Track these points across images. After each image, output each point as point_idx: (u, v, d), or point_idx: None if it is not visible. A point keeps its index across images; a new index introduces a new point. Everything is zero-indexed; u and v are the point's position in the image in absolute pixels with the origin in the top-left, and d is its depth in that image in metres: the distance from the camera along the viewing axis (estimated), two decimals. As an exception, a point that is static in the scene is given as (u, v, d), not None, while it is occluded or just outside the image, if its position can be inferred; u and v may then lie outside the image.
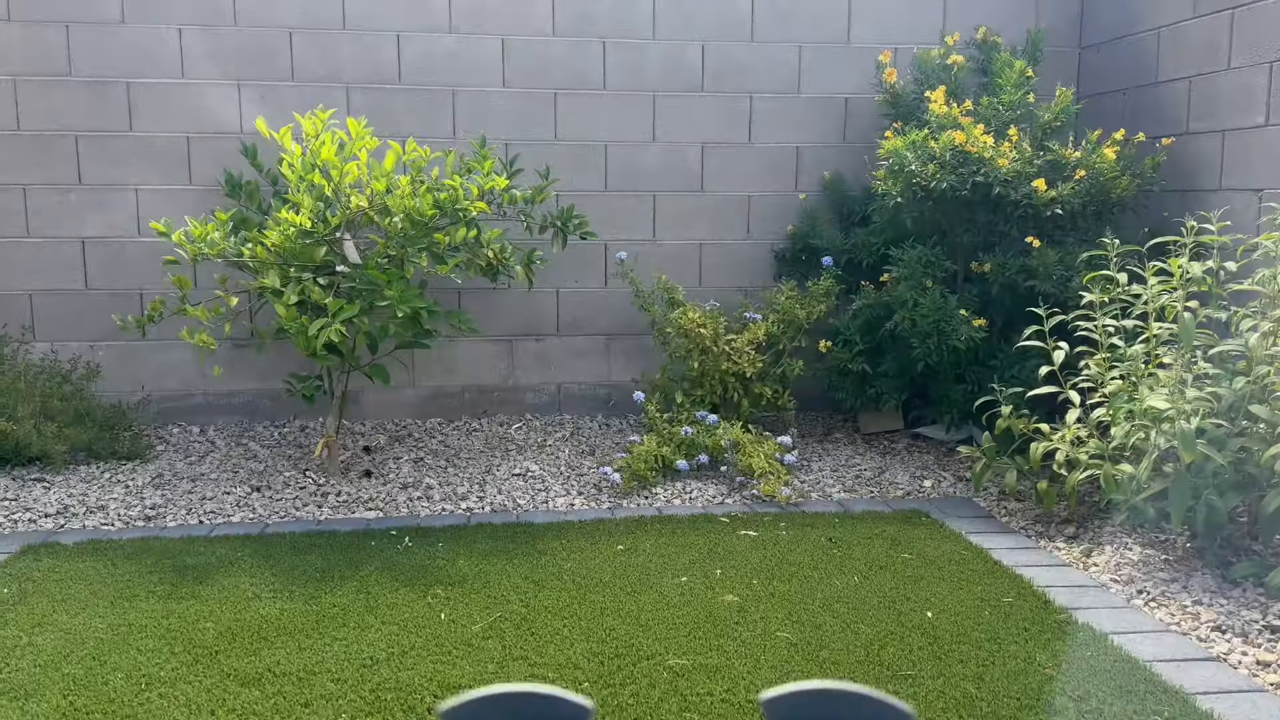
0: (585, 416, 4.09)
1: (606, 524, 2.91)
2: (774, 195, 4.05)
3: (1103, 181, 3.30)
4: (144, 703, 1.84)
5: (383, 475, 3.39)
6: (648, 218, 4.02)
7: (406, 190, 3.07)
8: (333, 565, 2.57)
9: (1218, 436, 2.43)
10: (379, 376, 3.33)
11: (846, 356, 3.60)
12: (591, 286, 4.02)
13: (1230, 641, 2.13)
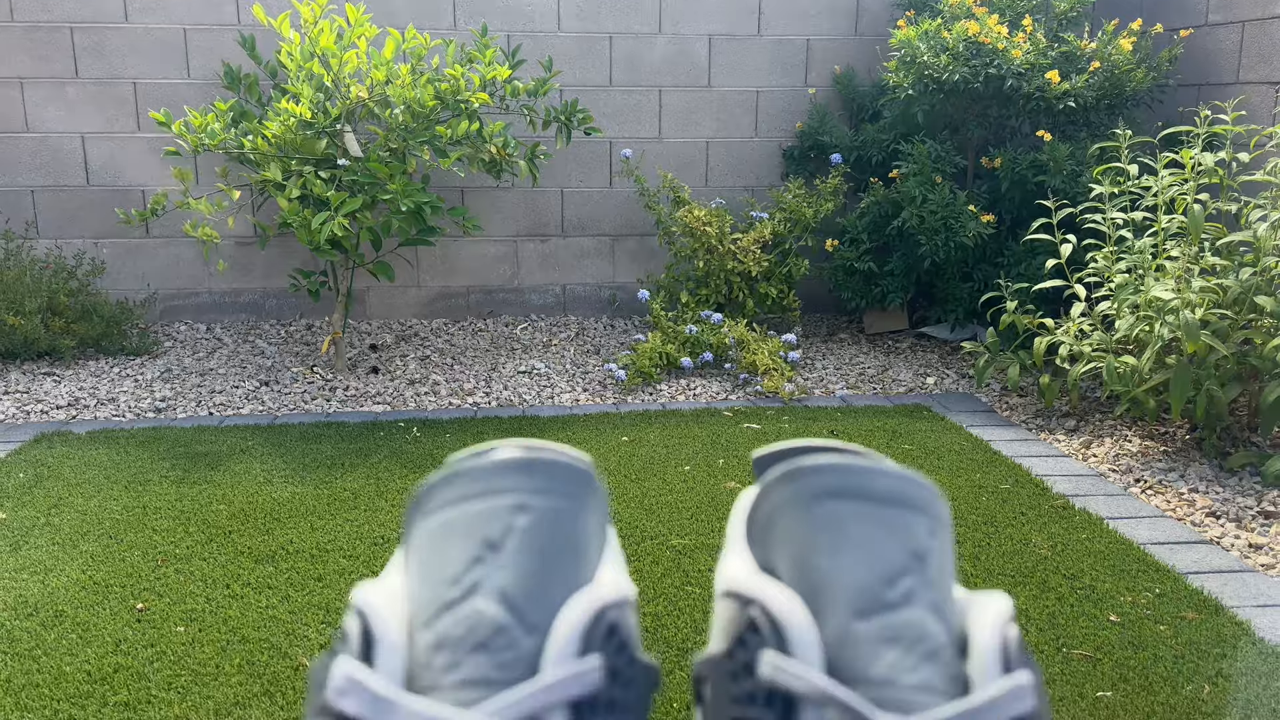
0: (590, 317, 4.09)
1: (611, 417, 2.94)
2: (783, 91, 3.99)
3: (1117, 74, 3.24)
4: (161, 577, 1.89)
5: (390, 372, 3.41)
6: (653, 114, 3.96)
7: (407, 80, 3.03)
8: (342, 453, 2.60)
9: (1222, 328, 2.43)
10: (383, 273, 3.32)
11: (853, 255, 3.59)
12: (596, 186, 3.99)
13: (1224, 526, 2.17)
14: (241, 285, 3.90)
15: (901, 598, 0.30)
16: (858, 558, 0.30)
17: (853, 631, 0.29)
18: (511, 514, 0.30)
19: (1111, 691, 1.51)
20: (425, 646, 0.29)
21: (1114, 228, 2.77)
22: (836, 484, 0.31)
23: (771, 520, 0.32)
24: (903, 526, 0.31)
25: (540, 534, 0.30)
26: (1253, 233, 2.44)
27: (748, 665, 0.30)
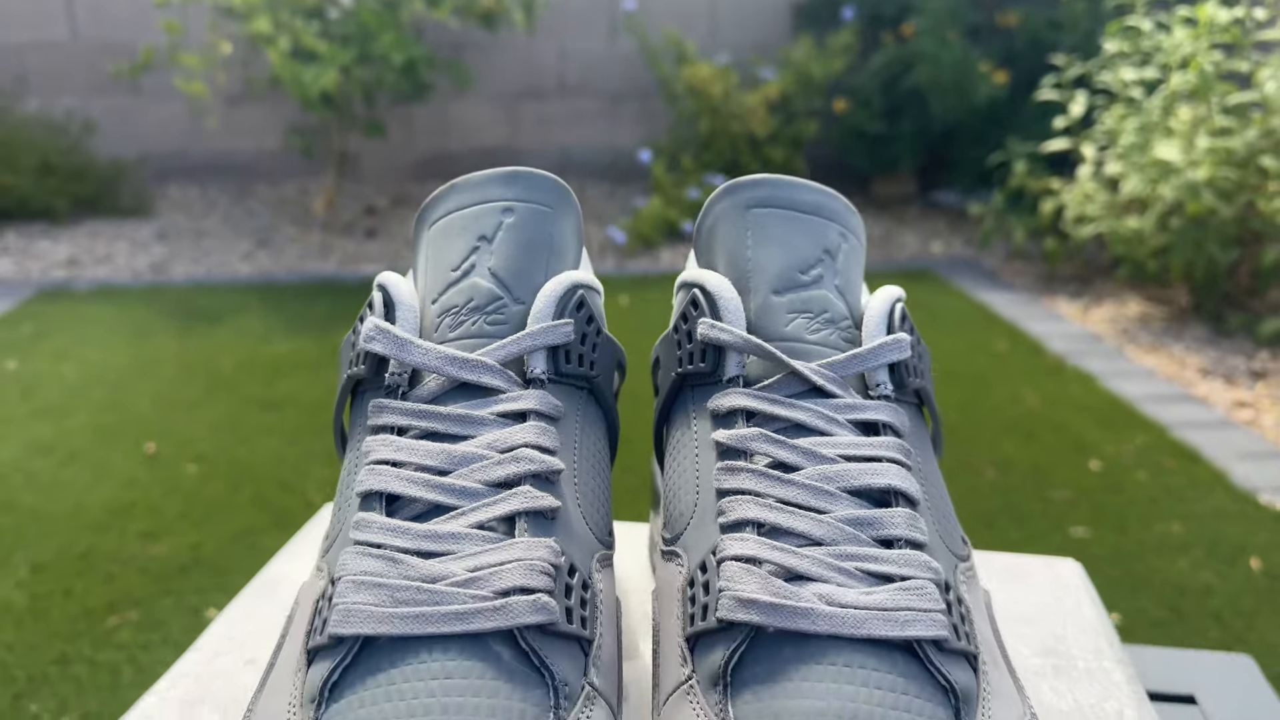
0: (589, 181, 4.04)
1: (612, 280, 2.94)
2: (789, -56, 3.84)
3: (1138, -74, 3.12)
4: (169, 421, 1.93)
5: (387, 234, 3.39)
6: (656, -32, 3.82)
7: (401, -72, 2.92)
8: (340, 311, 2.62)
9: (1227, 189, 2.41)
10: (375, 133, 3.27)
11: (864, 117, 3.52)
12: (596, 43, 3.88)
13: (1212, 384, 2.19)
14: (233, 146, 3.85)
15: (812, 280, 0.36)
16: (778, 250, 0.37)
17: (770, 303, 0.36)
18: (501, 214, 0.37)
19: (1085, 528, 1.56)
20: (433, 315, 0.36)
21: (1124, 87, 2.71)
22: (765, 195, 0.38)
23: (713, 229, 0.39)
24: (818, 229, 0.37)
25: (524, 230, 0.36)
26: (1261, 92, 2.39)
27: (689, 333, 0.37)
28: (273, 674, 0.32)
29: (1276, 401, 2.12)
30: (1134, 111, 2.69)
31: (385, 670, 0.29)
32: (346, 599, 0.30)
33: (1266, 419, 2.05)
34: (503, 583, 0.29)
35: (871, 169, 3.63)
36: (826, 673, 0.28)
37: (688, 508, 0.34)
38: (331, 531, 0.34)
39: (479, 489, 0.31)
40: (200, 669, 0.40)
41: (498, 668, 0.28)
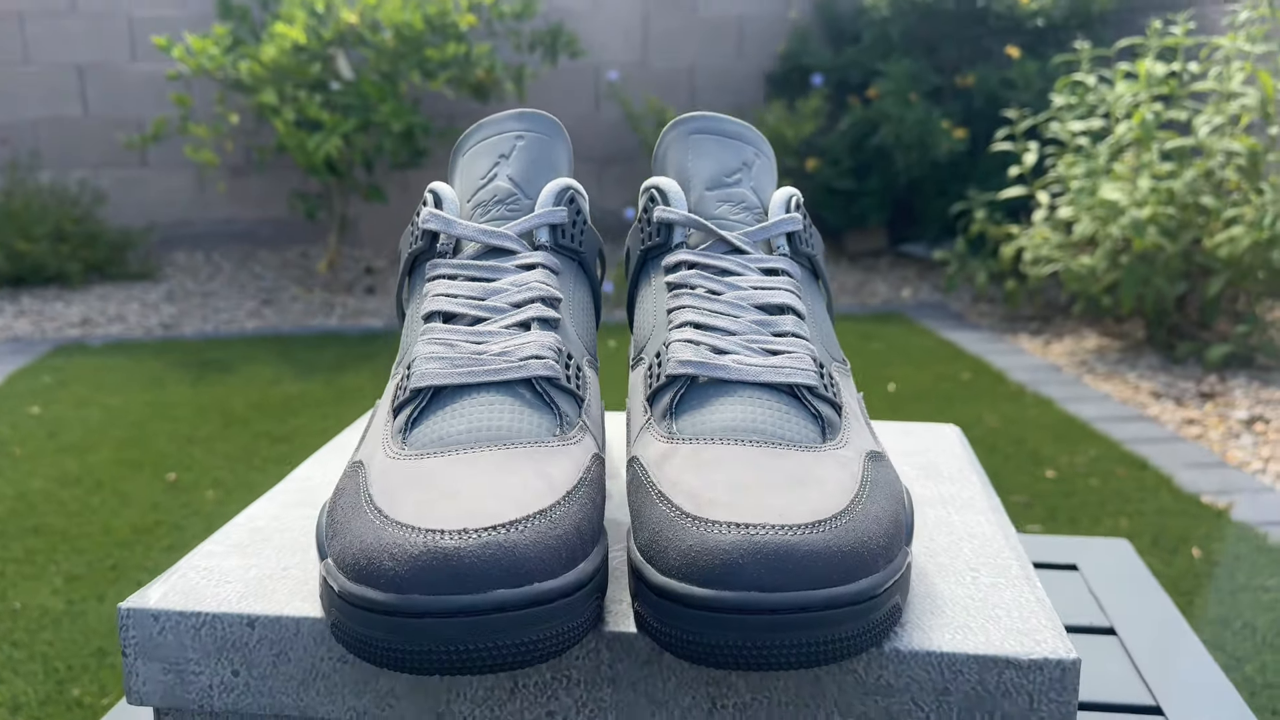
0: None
1: (602, 327, 3.09)
2: (765, 15, 4.09)
3: (1083, -7, 3.37)
4: (187, 455, 2.06)
5: (386, 291, 3.56)
6: (638, 38, 4.07)
7: (397, 4, 3.14)
8: (346, 358, 2.77)
9: (1170, 227, 2.59)
10: (376, 197, 3.46)
11: (833, 174, 3.72)
12: (583, 110, 4.11)
13: (1164, 405, 2.35)
14: (237, 214, 4.03)
15: (733, 182, 0.52)
16: (709, 161, 0.52)
17: (704, 196, 0.52)
18: (514, 140, 0.52)
19: (1039, 525, 1.70)
20: (469, 209, 0.51)
21: (1073, 137, 2.91)
22: (701, 125, 0.54)
23: (666, 150, 0.55)
24: (737, 149, 0.53)
25: (531, 150, 0.52)
26: (1197, 136, 2.60)
27: (648, 219, 0.52)
28: (364, 442, 0.47)
29: (1224, 419, 2.28)
30: (1082, 159, 2.90)
31: (448, 406, 0.43)
32: (420, 367, 0.45)
33: (1214, 434, 2.20)
34: (523, 354, 0.44)
35: (843, 224, 3.83)
36: (737, 402, 0.43)
37: (647, 332, 0.49)
38: (399, 359, 0.49)
39: (506, 307, 0.47)
40: (240, 536, 0.53)
41: (523, 401, 0.43)
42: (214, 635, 0.44)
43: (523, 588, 0.36)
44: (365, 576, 0.37)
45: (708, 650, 0.36)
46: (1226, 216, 2.55)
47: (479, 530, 0.36)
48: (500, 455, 0.41)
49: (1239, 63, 2.64)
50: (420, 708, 0.43)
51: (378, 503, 0.39)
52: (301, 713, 0.44)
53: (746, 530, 0.37)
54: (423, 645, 0.35)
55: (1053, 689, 0.40)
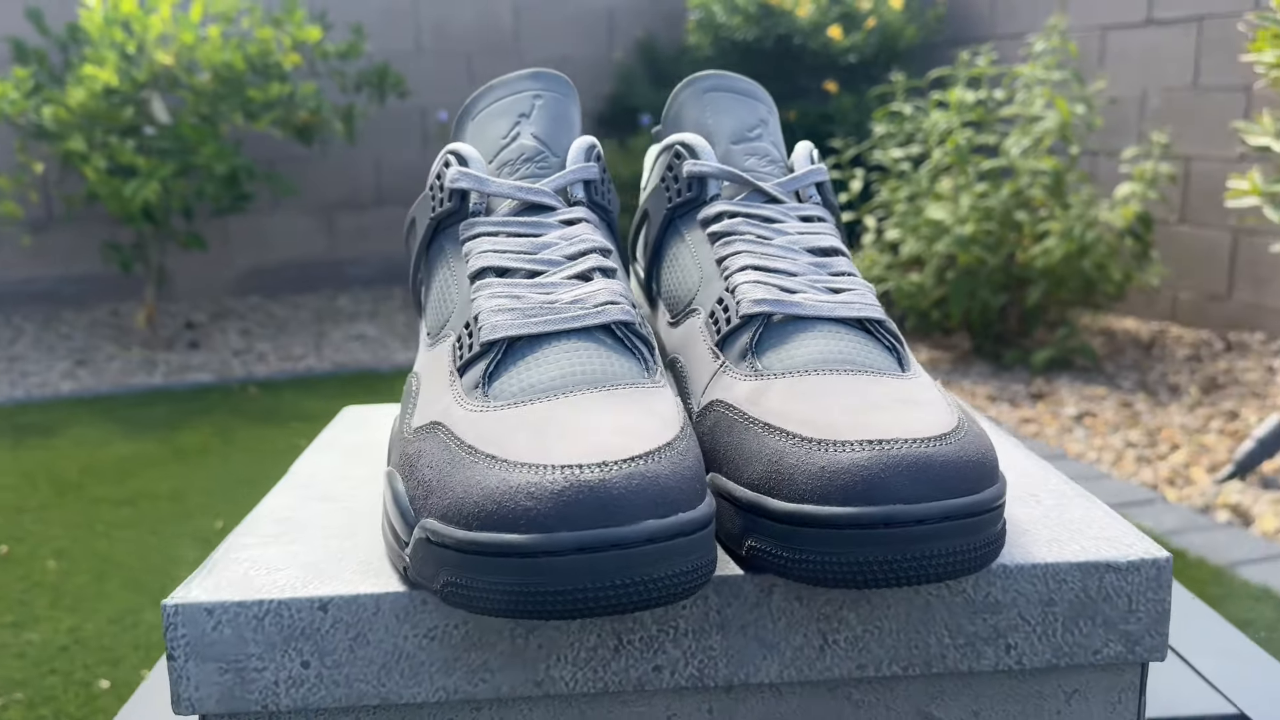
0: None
1: (449, 366, 3.03)
2: (590, 58, 4.16)
3: (890, 32, 3.59)
4: (20, 526, 1.87)
5: (211, 346, 3.37)
6: (463, 80, 4.05)
7: (217, 44, 3.01)
8: (179, 414, 2.59)
9: (990, 242, 2.78)
10: (196, 245, 3.28)
11: (665, 206, 3.79)
12: (411, 153, 4.04)
13: (1000, 407, 2.50)
14: (37, 273, 3.73)
15: (755, 136, 0.53)
16: (729, 117, 0.53)
17: (731, 150, 0.52)
18: (533, 99, 0.51)
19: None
20: (493, 170, 0.49)
21: (894, 163, 3.09)
22: (715, 83, 0.55)
23: (679, 110, 0.55)
24: (752, 105, 0.54)
25: (551, 108, 0.51)
26: (1009, 158, 2.81)
27: (675, 176, 0.52)
28: (416, 409, 0.44)
29: (1056, 416, 2.44)
30: (904, 183, 3.08)
31: (527, 356, 0.41)
32: (490, 319, 0.42)
33: (1049, 430, 2.36)
34: (597, 300, 0.43)
35: (681, 256, 3.91)
36: (819, 336, 0.43)
37: (693, 285, 0.49)
38: (439, 323, 0.46)
39: (561, 260, 0.45)
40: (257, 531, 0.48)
41: (606, 346, 0.42)
42: (280, 624, 0.39)
43: (668, 518, 0.34)
44: (498, 522, 0.34)
45: (854, 570, 0.36)
46: (1038, 231, 2.76)
47: (619, 462, 0.35)
48: (602, 396, 0.39)
49: (1038, 89, 2.88)
50: (517, 679, 0.41)
51: (487, 450, 0.37)
52: (382, 699, 0.40)
53: (880, 446, 0.37)
54: (572, 584, 0.33)
55: (1149, 589, 0.41)
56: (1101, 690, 0.43)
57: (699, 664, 0.41)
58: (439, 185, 0.49)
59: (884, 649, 0.41)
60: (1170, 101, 3.07)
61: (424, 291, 0.51)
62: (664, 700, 0.42)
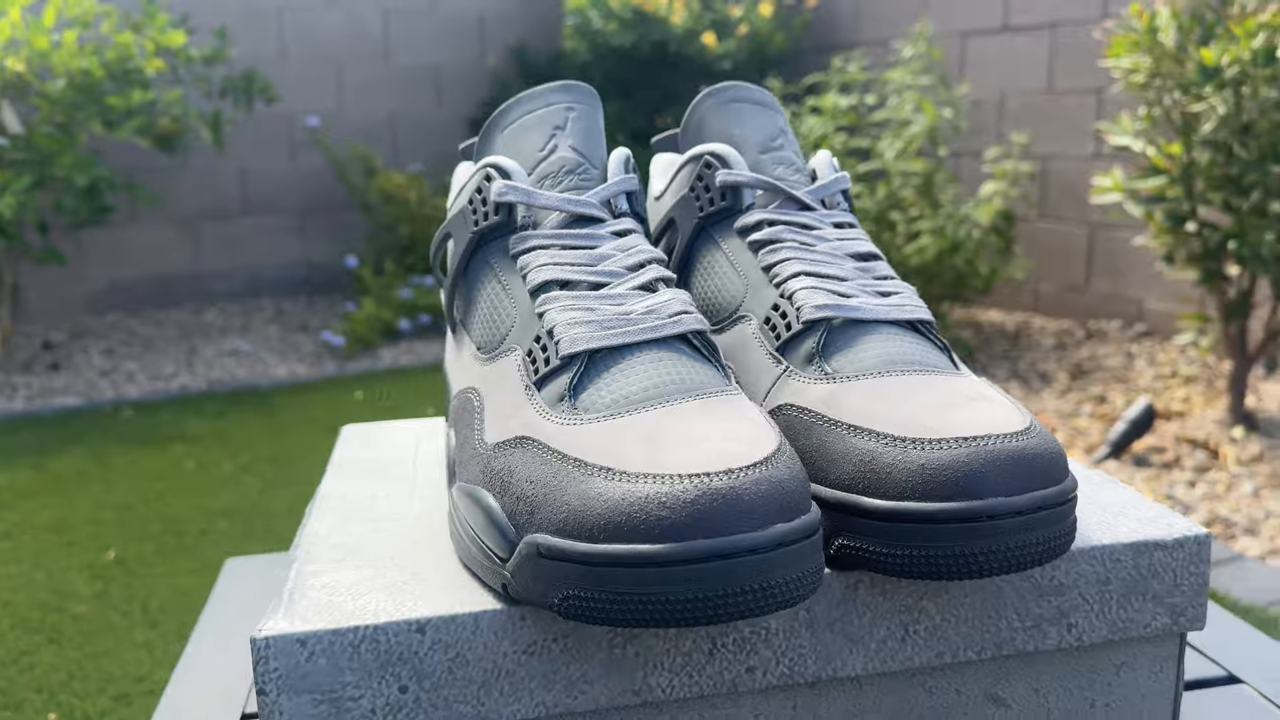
0: (287, 299, 4.01)
1: (337, 380, 2.95)
2: (462, 64, 4.11)
3: (760, 39, 3.68)
4: (-119, 567, 1.73)
5: (73, 367, 3.18)
6: (333, 88, 3.95)
7: (73, 50, 2.85)
8: (49, 441, 2.44)
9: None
10: (52, 260, 3.09)
11: (547, 212, 3.79)
12: (280, 162, 3.91)
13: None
14: (-127, 290, 3.45)
15: (778, 146, 0.54)
16: (753, 128, 0.54)
17: (759, 159, 0.53)
18: (566, 112, 0.51)
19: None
20: (532, 183, 0.49)
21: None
22: (736, 94, 0.56)
23: (701, 121, 0.56)
24: (772, 115, 0.55)
25: (583, 121, 0.51)
26: (883, 160, 2.92)
27: (707, 185, 0.53)
28: (485, 423, 0.43)
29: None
30: (786, 186, 3.16)
31: (612, 368, 0.41)
32: (568, 332, 0.42)
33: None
34: (670, 310, 0.43)
35: (564, 261, 3.90)
36: (881, 339, 0.45)
37: (736, 293, 0.50)
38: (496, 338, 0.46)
39: (622, 272, 0.45)
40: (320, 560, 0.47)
41: (686, 355, 0.42)
42: (376, 650, 0.39)
43: (793, 521, 0.35)
44: (629, 533, 0.34)
45: (956, 562, 0.38)
46: (912, 230, 2.88)
47: (744, 469, 0.35)
48: (698, 405, 0.39)
49: (908, 94, 3.00)
50: (615, 689, 0.41)
51: (599, 462, 0.37)
52: (482, 719, 0.40)
53: (976, 442, 0.38)
54: (707, 591, 0.34)
55: (1191, 563, 0.45)
56: (1146, 661, 0.46)
57: (789, 662, 0.42)
58: (480, 199, 0.48)
59: (960, 636, 0.43)
60: (1027, 104, 3.25)
61: (464, 307, 0.50)
62: (750, 701, 0.43)
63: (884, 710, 0.44)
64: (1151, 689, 0.46)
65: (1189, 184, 2.09)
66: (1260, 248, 1.99)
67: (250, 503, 2.02)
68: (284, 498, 2.04)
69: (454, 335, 0.52)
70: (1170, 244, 2.22)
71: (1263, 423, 2.21)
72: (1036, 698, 0.45)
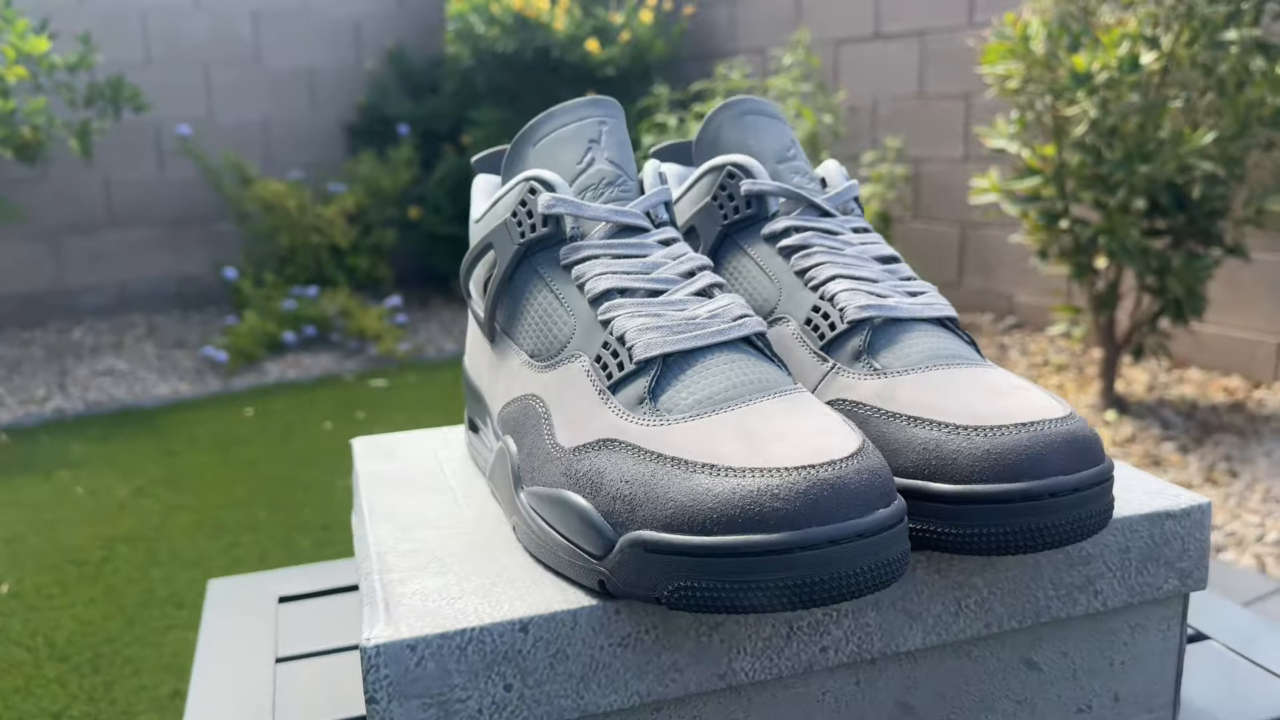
0: (159, 314, 3.85)
1: (225, 397, 2.85)
2: (338, 68, 4.03)
3: (642, 46, 3.73)
4: None
5: (-69, 391, 2.98)
6: (201, 93, 3.81)
7: (-75, 54, 2.68)
8: (-83, 471, 2.29)
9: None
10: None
11: (438, 221, 3.75)
12: (147, 171, 3.75)
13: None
14: None
15: (792, 156, 0.57)
16: (769, 140, 0.57)
17: (777, 169, 0.56)
18: (599, 125, 0.53)
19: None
20: (574, 194, 0.51)
21: (666, 171, 3.22)
22: (749, 107, 0.58)
23: (717, 133, 0.59)
24: (782, 128, 0.58)
25: (616, 134, 0.53)
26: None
27: (730, 194, 0.55)
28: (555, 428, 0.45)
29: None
30: (676, 190, 3.21)
31: (687, 370, 0.43)
32: (641, 338, 0.44)
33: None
34: (733, 314, 0.46)
35: (453, 269, 3.87)
36: (920, 335, 0.48)
37: (769, 296, 0.52)
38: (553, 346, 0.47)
39: (676, 279, 0.47)
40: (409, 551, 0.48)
41: (753, 356, 0.45)
42: (482, 651, 0.39)
43: (891, 505, 0.38)
44: (744, 524, 0.36)
45: (1022, 537, 0.41)
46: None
47: (843, 460, 0.38)
48: (777, 402, 0.42)
49: (790, 100, 3.10)
50: (703, 675, 0.43)
51: (701, 460, 0.39)
52: (581, 712, 0.41)
53: (1033, 428, 0.42)
54: (823, 575, 0.36)
55: (1196, 530, 0.49)
56: (1156, 621, 0.51)
57: (858, 641, 0.45)
58: (525, 211, 0.50)
59: (1005, 607, 0.47)
60: (899, 109, 3.40)
61: (507, 317, 0.51)
62: (819, 679, 0.45)
63: (935, 679, 0.48)
64: (1161, 646, 0.51)
65: (1061, 184, 2.23)
66: (1127, 242, 2.14)
67: (153, 527, 1.94)
68: (186, 521, 1.97)
69: (493, 345, 0.53)
70: (1044, 240, 2.36)
71: (1133, 406, 2.38)
72: (1064, 659, 0.50)
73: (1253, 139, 2.02)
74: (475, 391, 0.57)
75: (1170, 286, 2.18)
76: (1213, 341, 2.60)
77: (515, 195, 0.50)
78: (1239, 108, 2.00)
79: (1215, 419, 2.28)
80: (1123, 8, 2.13)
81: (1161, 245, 2.22)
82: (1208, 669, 0.60)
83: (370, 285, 3.75)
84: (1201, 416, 2.30)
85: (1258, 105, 2.01)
